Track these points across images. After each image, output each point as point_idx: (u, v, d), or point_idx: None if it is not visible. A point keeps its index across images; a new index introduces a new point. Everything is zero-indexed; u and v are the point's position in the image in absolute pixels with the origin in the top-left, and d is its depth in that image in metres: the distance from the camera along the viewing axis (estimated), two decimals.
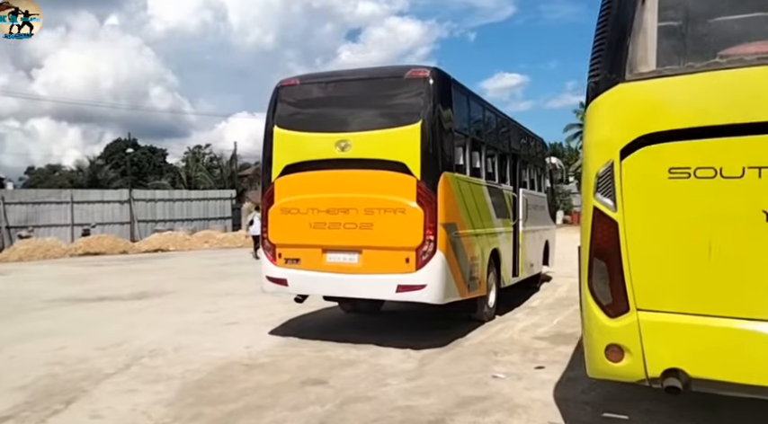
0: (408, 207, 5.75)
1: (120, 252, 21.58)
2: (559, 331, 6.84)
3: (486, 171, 7.39)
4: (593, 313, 3.04)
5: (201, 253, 21.47)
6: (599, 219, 3.00)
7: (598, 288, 3.02)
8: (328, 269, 6.06)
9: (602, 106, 3.05)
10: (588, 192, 3.06)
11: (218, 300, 9.42)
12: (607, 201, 2.98)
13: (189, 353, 5.70)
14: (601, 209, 3.00)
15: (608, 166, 2.97)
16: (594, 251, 3.02)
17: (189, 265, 16.80)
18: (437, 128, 5.89)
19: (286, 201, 6.23)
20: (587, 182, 3.09)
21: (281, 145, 6.33)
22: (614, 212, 2.96)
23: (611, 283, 2.97)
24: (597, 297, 3.03)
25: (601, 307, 3.01)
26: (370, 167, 5.92)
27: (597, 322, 3.02)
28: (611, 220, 2.97)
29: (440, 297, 5.85)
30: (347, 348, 5.88)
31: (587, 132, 3.19)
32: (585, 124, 3.24)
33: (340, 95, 6.36)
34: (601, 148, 3.02)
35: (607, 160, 2.97)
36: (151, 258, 19.81)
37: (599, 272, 3.02)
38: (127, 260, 19.11)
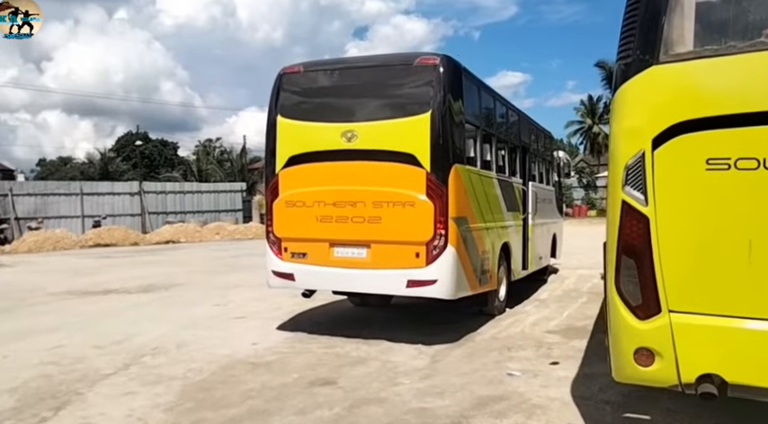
0: (418, 200, 5.54)
1: (132, 244, 21.60)
2: (570, 324, 6.69)
3: (496, 163, 7.15)
4: (620, 315, 2.81)
5: (212, 245, 21.43)
6: (628, 214, 2.77)
7: (626, 288, 2.80)
8: (336, 264, 5.87)
9: (632, 91, 2.80)
10: (616, 185, 2.83)
11: (226, 292, 9.30)
12: (637, 195, 2.75)
13: (193, 351, 5.55)
14: (630, 203, 2.76)
15: (638, 157, 2.73)
16: (623, 249, 2.79)
17: (199, 257, 16.74)
18: (448, 119, 5.64)
19: (291, 194, 6.03)
20: (615, 174, 2.84)
21: (285, 136, 6.12)
22: (645, 206, 2.73)
23: (640, 283, 2.75)
24: (625, 298, 2.80)
25: (629, 308, 2.78)
26: (377, 159, 5.70)
27: (625, 324, 2.79)
28: (642, 215, 2.73)
29: (451, 293, 5.64)
30: (357, 344, 5.71)
31: (615, 120, 2.94)
32: (613, 111, 2.99)
33: (346, 83, 6.12)
34: (631, 137, 2.78)
35: (638, 150, 2.73)
36: (162, 249, 19.79)
37: (627, 271, 2.79)
38: (138, 251, 19.09)
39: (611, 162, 2.95)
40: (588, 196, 38.72)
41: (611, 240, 2.89)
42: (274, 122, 6.17)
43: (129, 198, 25.45)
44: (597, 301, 8.22)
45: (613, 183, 2.88)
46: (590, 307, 7.74)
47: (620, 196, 2.81)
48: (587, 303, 8.10)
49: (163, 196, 26.74)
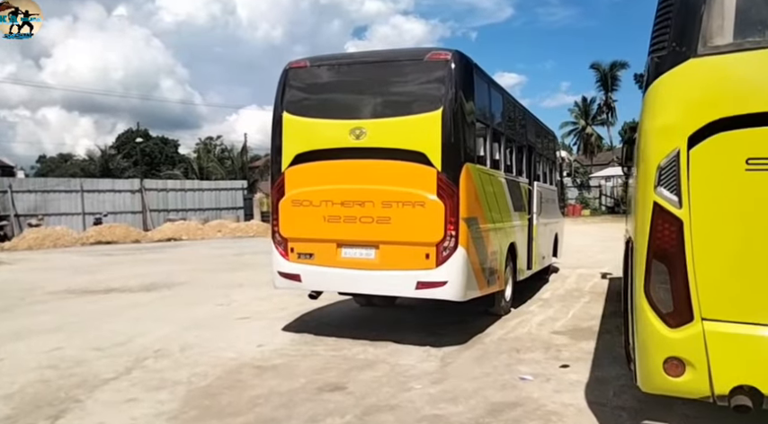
0: (428, 200, 5.40)
1: (133, 241, 21.47)
2: (576, 324, 6.60)
3: (504, 163, 7.02)
4: (649, 322, 2.68)
5: (214, 243, 21.29)
6: (660, 217, 2.63)
7: (657, 295, 2.66)
8: (344, 265, 5.74)
9: (667, 85, 2.65)
10: (647, 186, 2.69)
11: (229, 292, 9.17)
12: (670, 196, 2.61)
13: (197, 353, 5.41)
14: (662, 205, 2.63)
15: (673, 156, 2.59)
16: (654, 253, 2.65)
17: (201, 255, 16.61)
18: (459, 116, 5.50)
19: (297, 193, 5.89)
20: (646, 174, 2.70)
21: (291, 133, 5.98)
22: (679, 209, 2.59)
23: (672, 289, 2.61)
24: (655, 305, 2.66)
25: (659, 316, 2.65)
26: (386, 157, 5.56)
27: (655, 333, 2.66)
28: (675, 218, 2.59)
29: (461, 294, 5.51)
30: (365, 347, 5.58)
31: (647, 116, 2.79)
32: (645, 107, 2.85)
33: (354, 79, 5.97)
34: (665, 135, 2.64)
35: (672, 149, 2.59)
36: (164, 247, 19.66)
37: (658, 277, 2.65)
38: (139, 249, 18.97)
39: (642, 161, 2.81)
40: (582, 195, 38.72)
41: (641, 243, 2.75)
42: (280, 119, 6.02)
43: (131, 195, 25.32)
44: (600, 301, 8.12)
45: (644, 184, 2.74)
46: (593, 307, 7.63)
47: (651, 197, 2.67)
48: (590, 302, 7.98)
49: (164, 193, 26.62)
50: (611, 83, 46.28)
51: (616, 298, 8.21)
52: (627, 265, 4.11)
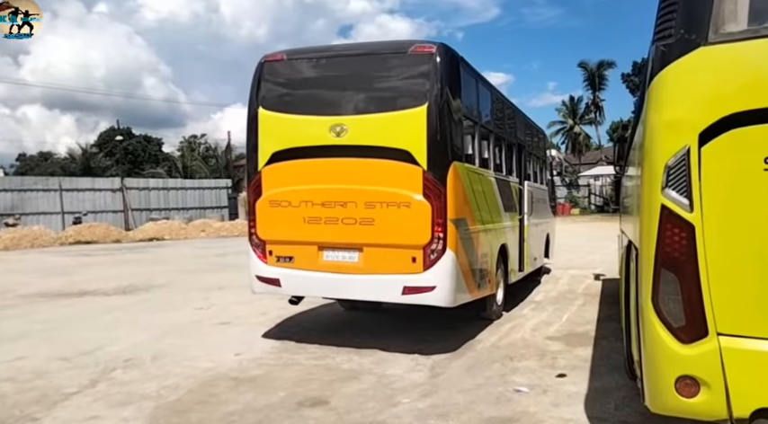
0: (414, 200, 5.12)
1: (114, 241, 20.96)
2: (571, 329, 6.37)
3: (494, 161, 6.77)
4: (659, 337, 2.43)
5: (198, 242, 20.84)
6: (669, 221, 2.38)
7: (667, 307, 2.41)
8: (325, 269, 5.45)
9: (675, 76, 2.40)
10: (653, 187, 2.43)
11: (209, 295, 8.83)
12: (680, 199, 2.36)
13: (170, 363, 5.09)
14: (672, 209, 2.37)
15: (682, 154, 2.34)
16: (662, 261, 2.40)
17: (183, 255, 16.20)
18: (445, 112, 5.22)
19: (275, 193, 5.58)
20: (652, 175, 2.45)
21: (268, 130, 5.66)
22: (690, 212, 2.34)
23: (684, 301, 2.36)
24: (665, 318, 2.41)
25: (670, 330, 2.40)
26: (369, 155, 5.27)
27: (665, 349, 2.41)
28: (686, 223, 2.34)
29: (450, 300, 5.24)
30: (349, 355, 5.30)
31: (652, 110, 2.54)
32: (649, 100, 2.59)
33: (334, 73, 5.66)
34: (673, 131, 2.38)
35: (681, 146, 2.34)
36: (145, 247, 19.19)
37: (668, 287, 2.40)
38: (119, 249, 18.48)
39: (647, 160, 2.55)
40: (571, 194, 38.82)
41: (647, 250, 2.50)
42: (255, 115, 5.71)
43: (111, 194, 24.77)
44: (594, 303, 7.92)
45: (649, 185, 2.48)
46: (588, 310, 7.42)
47: (658, 200, 2.41)
48: (584, 305, 7.77)
49: (146, 192, 26.11)
50: (599, 82, 46.45)
51: (610, 301, 8.01)
52: (626, 270, 3.88)
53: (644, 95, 3.72)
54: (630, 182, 4.27)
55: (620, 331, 6.22)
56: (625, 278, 3.90)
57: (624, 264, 4.09)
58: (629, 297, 3.77)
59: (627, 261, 3.84)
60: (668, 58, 2.42)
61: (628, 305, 3.86)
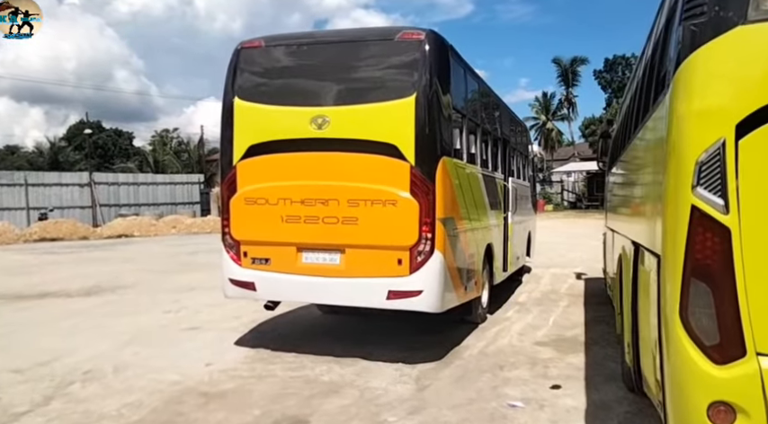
0: (400, 198, 4.79)
1: (81, 238, 20.14)
2: (560, 334, 6.12)
3: (480, 157, 6.48)
4: (688, 357, 2.13)
5: (168, 240, 20.15)
6: (701, 225, 2.08)
7: (698, 323, 2.11)
8: (304, 272, 5.07)
9: (708, 59, 2.10)
10: (680, 186, 2.13)
11: (179, 296, 8.36)
12: (714, 199, 2.06)
13: (133, 376, 4.65)
14: (704, 211, 2.08)
15: (716, 148, 2.05)
16: (693, 270, 2.10)
17: (153, 253, 15.57)
18: (435, 104, 4.89)
19: (251, 189, 5.18)
20: (679, 171, 2.15)
21: (244, 121, 5.25)
22: (725, 215, 2.05)
23: (718, 315, 2.07)
24: (696, 335, 2.12)
25: (702, 349, 2.11)
26: (353, 149, 4.92)
27: (695, 370, 2.11)
28: (721, 226, 2.05)
29: (438, 305, 4.93)
30: (329, 365, 4.94)
31: (680, 98, 2.24)
32: (676, 87, 2.29)
33: (315, 61, 5.28)
34: (705, 122, 2.09)
35: (715, 139, 2.05)
36: (113, 244, 18.45)
37: (699, 300, 2.11)
38: (86, 246, 17.71)
39: (672, 155, 2.25)
40: (544, 190, 39.10)
41: (672, 258, 2.20)
42: (231, 105, 5.29)
43: (79, 189, 23.85)
44: (579, 304, 7.72)
45: (677, 183, 2.18)
46: (574, 312, 7.20)
47: (687, 200, 2.12)
48: (569, 307, 7.56)
49: (115, 187, 25.22)
50: (572, 78, 46.80)
51: (595, 301, 7.83)
52: (633, 274, 3.59)
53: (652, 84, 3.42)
54: (637, 178, 3.99)
55: (610, 335, 6.02)
56: (631, 283, 3.61)
57: (630, 267, 3.80)
58: (635, 305, 3.50)
59: (635, 264, 3.55)
60: (700, 40, 2.12)
61: (634, 314, 3.58)
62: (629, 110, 5.24)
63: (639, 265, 3.45)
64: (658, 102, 2.84)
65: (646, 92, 3.69)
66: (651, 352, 2.81)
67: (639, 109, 4.10)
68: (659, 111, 2.77)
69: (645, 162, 3.51)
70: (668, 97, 2.41)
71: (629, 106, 5.37)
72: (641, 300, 3.34)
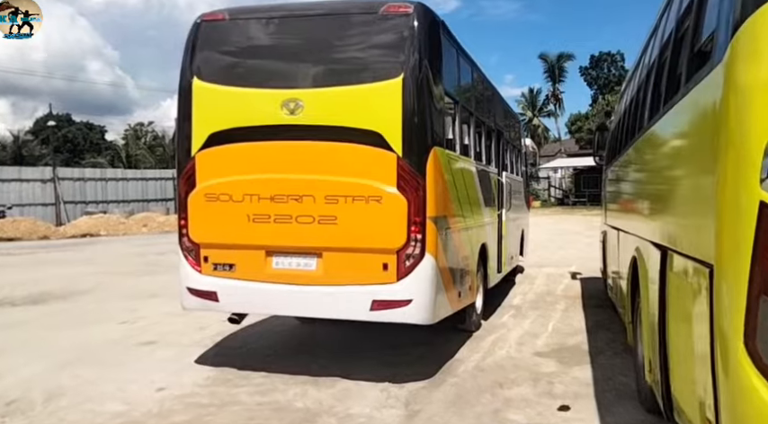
0: (386, 194, 4.13)
1: (41, 238, 19.03)
2: (561, 342, 5.56)
3: (474, 149, 5.86)
4: (757, 396, 1.56)
5: (138, 239, 19.16)
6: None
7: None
8: (275, 279, 4.39)
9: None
10: (743, 178, 1.61)
11: (139, 304, 7.57)
12: None
13: (67, 406, 3.89)
14: None
15: None
16: (763, 286, 1.54)
17: (118, 253, 14.65)
18: (425, 86, 4.24)
19: (213, 184, 4.47)
20: (740, 161, 1.63)
21: (204, 106, 4.54)
22: None
23: None
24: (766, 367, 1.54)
25: None
26: (331, 138, 4.25)
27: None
28: None
29: (430, 316, 4.29)
30: (304, 386, 4.26)
31: (740, 67, 1.72)
32: (733, 55, 1.76)
33: (287, 36, 4.57)
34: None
35: None
36: (76, 244, 17.41)
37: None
38: (45, 247, 16.65)
39: (730, 140, 1.69)
40: (531, 187, 38.91)
41: (732, 269, 1.65)
42: (188, 86, 4.56)
43: (41, 185, 22.59)
44: (577, 307, 7.18)
45: (735, 176, 1.65)
46: (573, 316, 6.65)
47: (755, 196, 1.57)
48: (568, 310, 7.01)
49: (81, 183, 23.97)
50: (559, 74, 46.78)
51: (594, 304, 7.29)
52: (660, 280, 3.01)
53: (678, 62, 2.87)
54: (660, 172, 3.41)
55: (615, 343, 5.47)
56: (657, 294, 3.02)
57: (652, 274, 3.22)
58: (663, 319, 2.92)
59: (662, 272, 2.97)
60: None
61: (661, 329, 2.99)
62: (637, 98, 4.67)
63: (669, 273, 2.88)
64: (697, 80, 2.29)
65: (669, 73, 3.14)
66: (691, 378, 2.27)
67: (656, 93, 3.56)
68: (698, 91, 2.23)
69: (673, 152, 2.95)
70: (719, 70, 1.84)
71: (636, 93, 4.81)
72: (672, 315, 2.78)
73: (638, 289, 3.87)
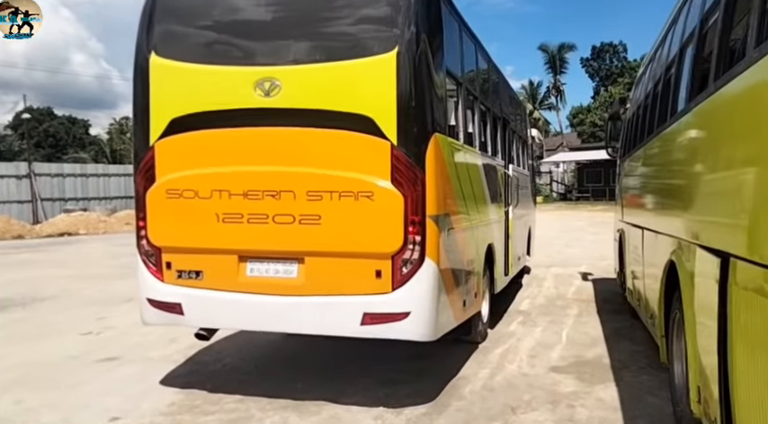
0: (379, 189, 3.51)
1: (15, 237, 18.19)
2: (578, 354, 4.97)
3: (479, 138, 5.24)
4: None
5: (118, 238, 18.31)
6: None
7: None
8: (250, 289, 3.75)
9: None
10: None
11: (108, 311, 6.90)
12: None
13: None
14: None
15: None
16: None
17: (95, 254, 13.88)
18: (423, 62, 3.61)
19: (175, 178, 3.82)
20: None
21: (164, 86, 3.87)
22: None
23: None
24: None
25: None
26: (313, 123, 3.61)
27: None
28: None
29: (430, 331, 3.67)
30: (285, 413, 3.65)
31: None
32: None
33: (261, 5, 3.89)
34: None
35: None
36: (51, 244, 16.60)
37: None
38: (17, 247, 15.83)
39: None
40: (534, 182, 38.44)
41: None
42: (145, 64, 3.89)
43: (16, 181, 21.62)
44: (591, 312, 6.59)
45: None
46: (589, 323, 6.07)
47: None
48: (581, 316, 6.43)
49: (59, 179, 23.00)
50: (560, 65, 46.11)
51: (609, 309, 6.71)
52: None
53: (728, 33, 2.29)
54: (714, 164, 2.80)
55: (639, 355, 4.88)
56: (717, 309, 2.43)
57: (705, 285, 2.63)
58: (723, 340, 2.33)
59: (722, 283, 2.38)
60: None
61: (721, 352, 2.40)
62: (671, 77, 4.07)
63: (733, 287, 2.29)
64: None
65: (720, 47, 2.56)
66: None
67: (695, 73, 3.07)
68: None
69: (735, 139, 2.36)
70: None
71: (664, 75, 4.20)
72: (742, 340, 2.20)
73: (676, 300, 3.29)
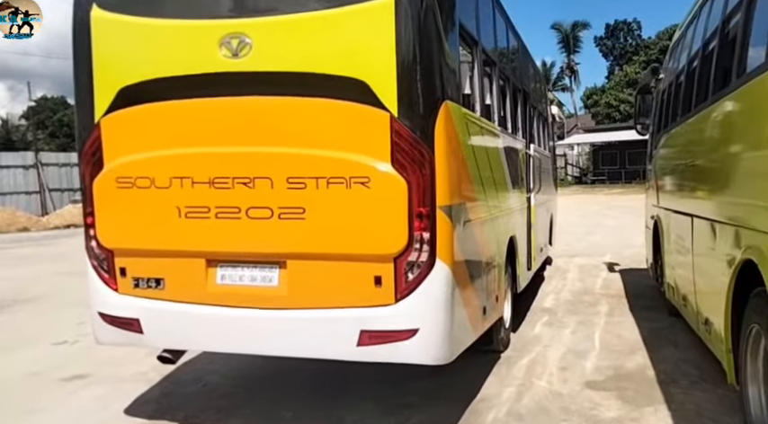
0: (377, 173, 2.75)
1: (21, 230, 17.77)
2: (617, 365, 4.19)
3: (498, 112, 4.41)
4: None
5: None
6: None
7: None
8: (221, 300, 3.03)
9: None
10: None
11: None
12: None
13: None
14: None
15: None
16: None
17: None
18: (430, 11, 2.81)
19: (126, 164, 3.10)
20: None
21: (109, 48, 3.13)
22: None
23: None
24: None
25: None
26: (293, 91, 2.85)
27: None
28: None
29: (444, 352, 2.92)
30: None
31: None
32: None
33: None
34: None
35: None
36: (56, 237, 16.14)
37: None
38: (18, 241, 15.38)
39: None
40: None
41: None
42: (86, 19, 3.14)
43: (23, 171, 21.21)
44: (624, 310, 5.79)
45: None
46: (622, 324, 5.28)
47: None
48: (613, 314, 5.64)
49: (68, 169, 22.49)
50: (574, 44, 44.76)
51: (643, 305, 5.89)
52: None
53: None
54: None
55: (687, 365, 4.09)
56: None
57: None
58: None
59: None
60: None
61: None
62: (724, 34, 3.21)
63: None
64: None
65: None
66: None
67: None
68: None
69: None
70: None
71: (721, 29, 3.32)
72: None
73: (753, 312, 2.56)
